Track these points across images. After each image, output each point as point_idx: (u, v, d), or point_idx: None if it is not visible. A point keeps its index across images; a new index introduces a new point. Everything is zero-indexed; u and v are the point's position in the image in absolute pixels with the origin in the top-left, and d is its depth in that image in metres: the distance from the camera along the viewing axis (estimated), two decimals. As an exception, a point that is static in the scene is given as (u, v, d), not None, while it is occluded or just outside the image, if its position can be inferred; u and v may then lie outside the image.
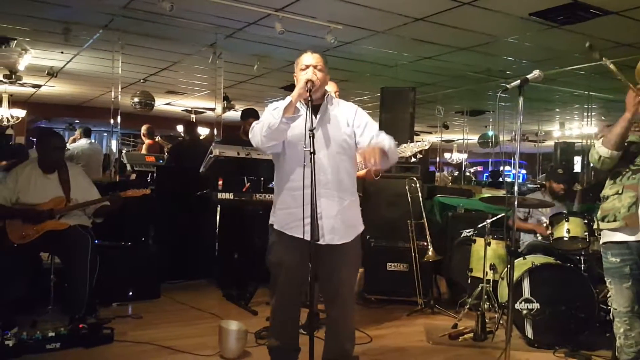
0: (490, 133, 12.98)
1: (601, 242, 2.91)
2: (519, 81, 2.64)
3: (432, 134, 15.91)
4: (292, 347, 2.76)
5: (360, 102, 11.40)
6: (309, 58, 2.60)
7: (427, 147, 2.93)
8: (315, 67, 2.57)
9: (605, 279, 2.89)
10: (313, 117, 2.47)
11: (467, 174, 16.00)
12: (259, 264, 4.15)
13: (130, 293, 4.46)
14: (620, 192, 2.77)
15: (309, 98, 2.44)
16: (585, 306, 3.72)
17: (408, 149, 2.92)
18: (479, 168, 20.25)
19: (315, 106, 2.58)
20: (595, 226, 3.48)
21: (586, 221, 3.89)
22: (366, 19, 5.60)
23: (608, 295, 2.92)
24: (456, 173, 15.95)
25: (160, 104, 11.90)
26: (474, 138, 14.14)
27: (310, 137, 2.33)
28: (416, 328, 4.17)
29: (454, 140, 17.01)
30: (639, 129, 2.73)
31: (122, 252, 4.58)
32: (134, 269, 4.53)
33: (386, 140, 2.60)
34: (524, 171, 16.64)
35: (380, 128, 5.24)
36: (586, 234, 3.86)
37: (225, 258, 5.29)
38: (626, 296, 2.77)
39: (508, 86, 2.70)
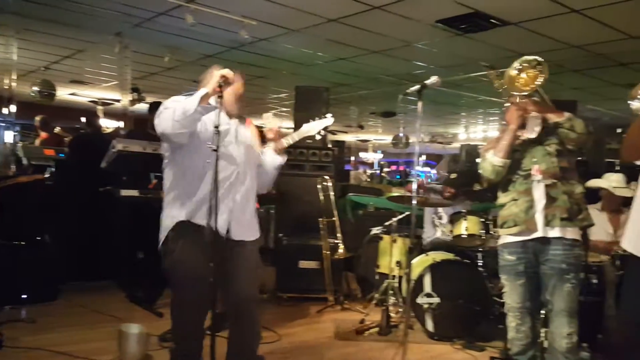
0: (401, 134, 13.45)
1: (499, 242, 3.02)
2: (418, 86, 2.76)
3: (347, 133, 16.22)
4: (196, 352, 2.66)
5: (278, 100, 11.38)
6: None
7: (330, 123, 2.86)
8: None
9: (500, 276, 3.01)
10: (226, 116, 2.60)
11: (382, 174, 16.50)
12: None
13: (25, 296, 4.16)
14: (516, 198, 2.88)
15: (220, 93, 2.45)
16: (481, 300, 3.95)
17: (313, 129, 2.84)
18: (393, 167, 20.96)
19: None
20: (492, 231, 3.67)
21: (482, 219, 4.12)
22: (280, 16, 5.57)
23: (503, 291, 3.04)
24: (375, 171, 16.38)
25: (64, 93, 11.19)
26: (388, 138, 14.60)
27: (215, 134, 2.37)
28: (325, 324, 4.24)
29: (370, 140, 17.46)
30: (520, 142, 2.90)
31: (14, 252, 4.25)
32: (28, 270, 4.23)
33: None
34: (433, 171, 17.41)
35: (295, 126, 5.31)
36: (482, 231, 4.08)
37: (129, 258, 5.07)
38: (519, 293, 2.89)
39: (408, 90, 2.81)
